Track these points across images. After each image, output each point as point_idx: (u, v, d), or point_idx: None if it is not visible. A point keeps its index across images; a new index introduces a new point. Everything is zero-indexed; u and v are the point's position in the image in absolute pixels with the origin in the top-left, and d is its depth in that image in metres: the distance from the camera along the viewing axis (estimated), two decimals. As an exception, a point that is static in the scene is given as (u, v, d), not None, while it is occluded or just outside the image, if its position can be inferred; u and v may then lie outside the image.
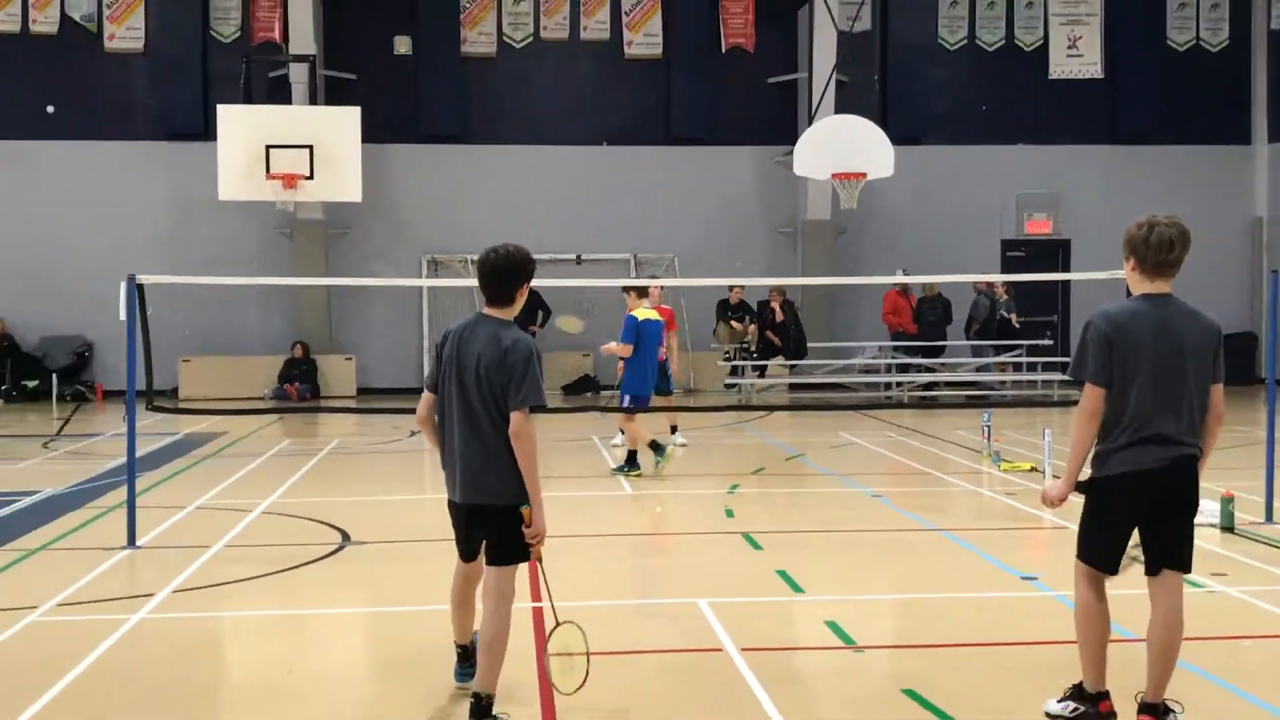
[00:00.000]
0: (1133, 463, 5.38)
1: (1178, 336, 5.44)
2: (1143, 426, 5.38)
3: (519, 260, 5.74)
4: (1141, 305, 5.52)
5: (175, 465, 14.76)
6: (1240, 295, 26.18)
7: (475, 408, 5.55)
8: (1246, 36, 26.35)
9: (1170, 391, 5.39)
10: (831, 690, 6.53)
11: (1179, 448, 5.40)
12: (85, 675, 6.60)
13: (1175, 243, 5.48)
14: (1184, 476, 5.43)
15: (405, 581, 8.89)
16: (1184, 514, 5.52)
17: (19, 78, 24.45)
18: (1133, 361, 5.38)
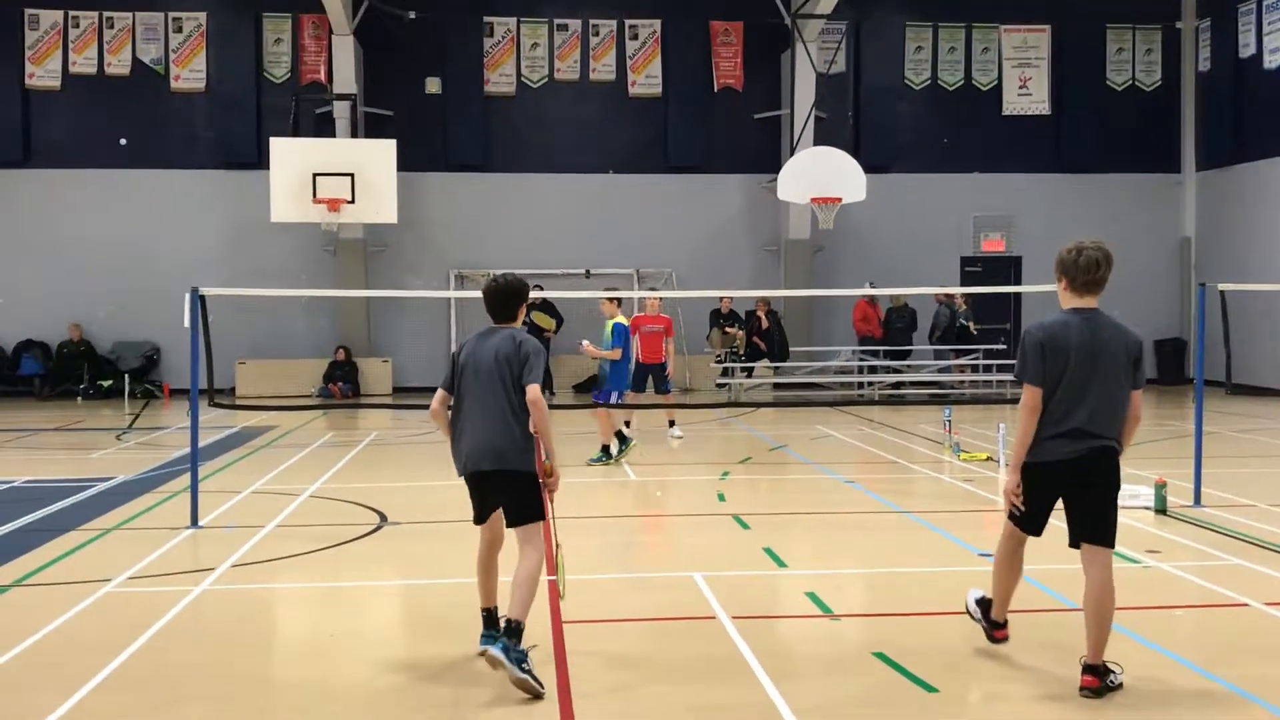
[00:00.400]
0: (1048, 454, 5.59)
1: (1101, 345, 5.58)
2: (1062, 421, 5.56)
3: (517, 287, 6.17)
4: (1071, 318, 5.66)
5: (233, 455, 14.75)
6: (1170, 305, 26.16)
7: (496, 392, 5.90)
8: (1177, 77, 26.31)
9: (1090, 392, 5.54)
10: (811, 653, 6.53)
11: (1093, 440, 5.56)
12: (155, 638, 6.60)
13: (1101, 264, 5.67)
14: (1096, 464, 5.59)
15: (437, 557, 8.89)
16: (1100, 495, 5.66)
17: (96, 114, 24.44)
18: (1060, 365, 5.55)
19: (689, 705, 5.54)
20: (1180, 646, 6.34)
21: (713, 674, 5.98)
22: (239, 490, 11.75)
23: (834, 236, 23.46)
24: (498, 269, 25.14)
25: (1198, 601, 7.40)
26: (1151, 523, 9.81)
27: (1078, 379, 5.53)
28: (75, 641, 6.62)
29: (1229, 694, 5.62)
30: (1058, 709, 5.48)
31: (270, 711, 5.58)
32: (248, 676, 6.07)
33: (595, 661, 6.17)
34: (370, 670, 6.13)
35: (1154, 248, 26.04)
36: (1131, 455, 13.42)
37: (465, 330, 24.16)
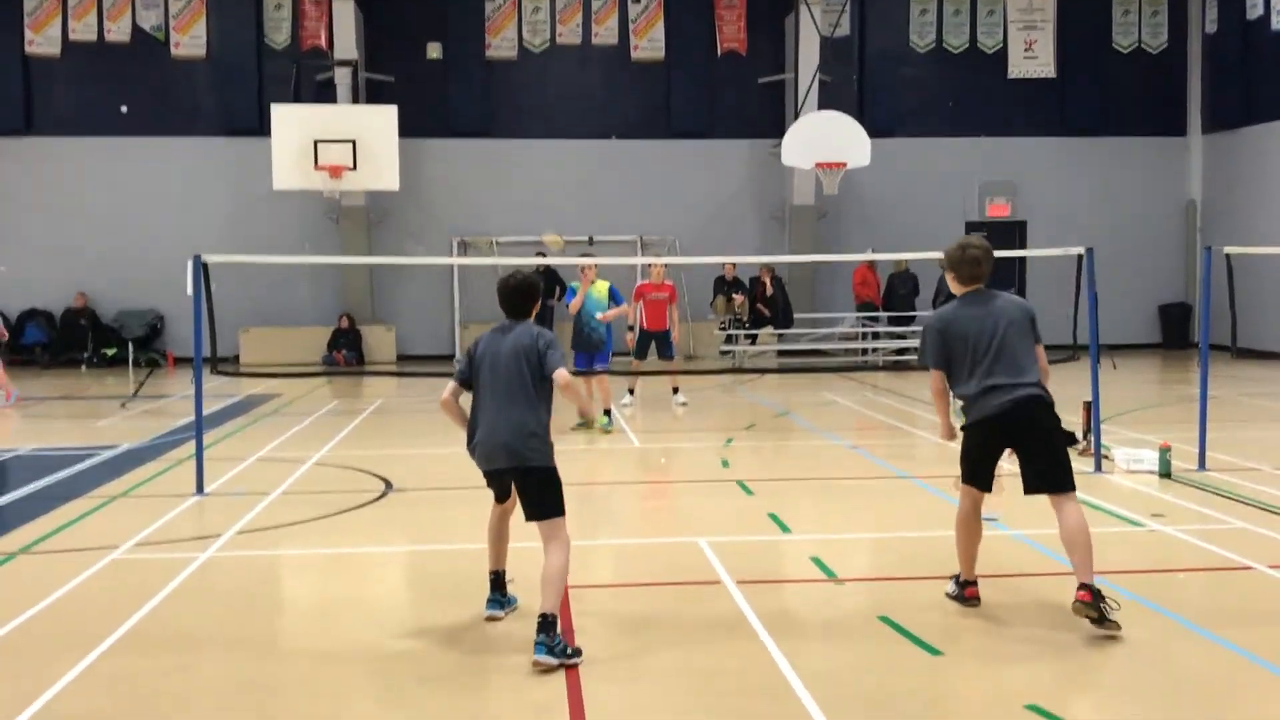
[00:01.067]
0: (980, 412, 6.14)
1: (995, 312, 6.19)
2: (984, 379, 6.10)
3: (532, 284, 6.23)
4: (962, 300, 6.34)
5: (238, 423, 14.78)
6: (1175, 270, 26.10)
7: (513, 387, 5.94)
8: (1183, 40, 26.15)
9: (998, 351, 6.10)
10: (816, 617, 6.56)
11: (1016, 390, 6.06)
12: (162, 604, 6.64)
13: (982, 261, 6.30)
14: (1027, 412, 6.06)
15: (441, 523, 8.92)
16: (1041, 445, 6.10)
17: (96, 81, 24.36)
18: (962, 341, 6.17)
19: (694, 669, 5.57)
20: (1184, 609, 6.36)
21: (718, 638, 6.00)
22: (244, 458, 11.78)
23: (838, 202, 23.39)
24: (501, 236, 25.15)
25: (1202, 565, 7.42)
26: (1156, 486, 9.82)
27: (983, 344, 6.12)
28: (83, 607, 6.66)
29: (1233, 656, 5.64)
30: (1060, 670, 5.50)
31: (278, 676, 5.62)
32: (255, 641, 6.11)
33: (601, 625, 6.21)
34: (377, 635, 6.16)
35: (1159, 211, 25.96)
36: (1136, 420, 13.51)
37: (468, 297, 24.19)
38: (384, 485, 10.25)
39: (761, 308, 23.01)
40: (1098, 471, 10.43)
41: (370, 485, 10.27)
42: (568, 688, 5.29)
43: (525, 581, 6.44)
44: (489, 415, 5.98)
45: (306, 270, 24.05)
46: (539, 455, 5.93)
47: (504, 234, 24.50)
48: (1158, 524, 8.44)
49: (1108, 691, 5.27)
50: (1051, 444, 6.10)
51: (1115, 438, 11.95)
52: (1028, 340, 6.22)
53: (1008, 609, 6.32)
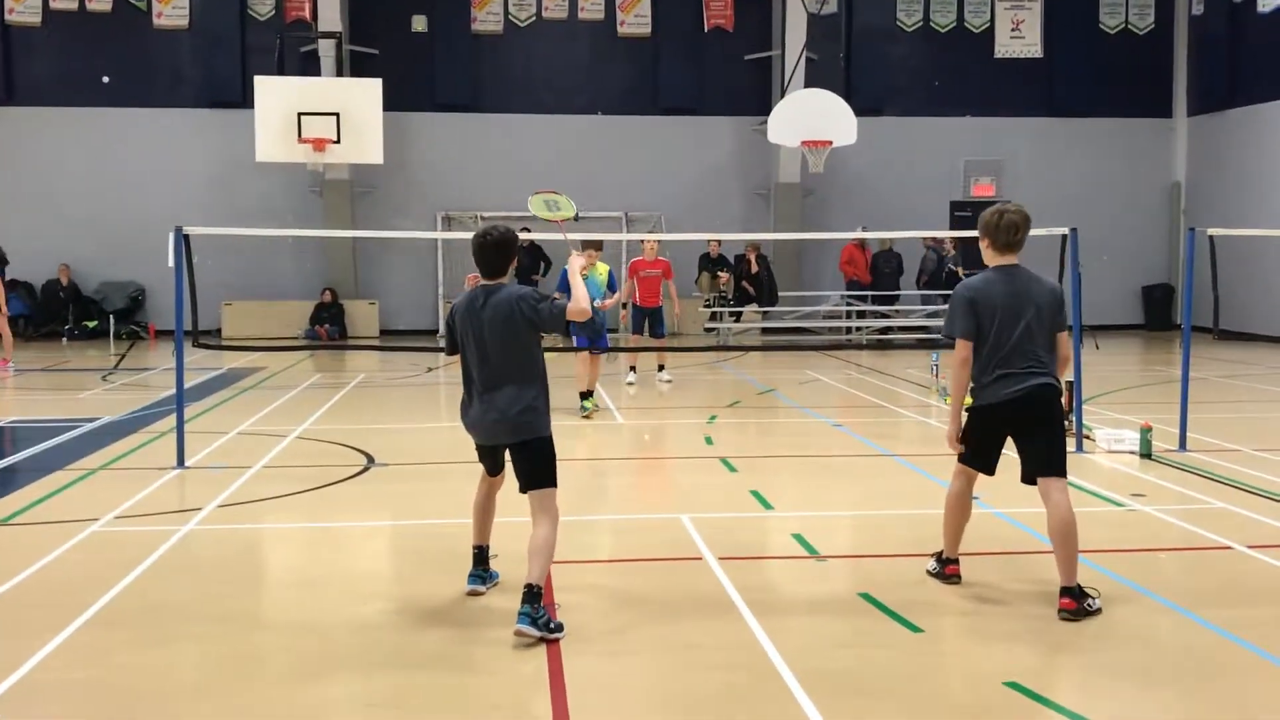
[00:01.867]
0: (991, 397, 6.04)
1: (1024, 296, 6.03)
2: (999, 367, 6.00)
3: (509, 238, 5.94)
4: (995, 275, 6.14)
5: (219, 396, 14.72)
6: (1160, 250, 26.19)
7: (506, 357, 5.80)
8: (1170, 21, 26.16)
9: (1021, 338, 5.98)
10: (798, 593, 6.57)
11: (1029, 379, 5.97)
12: (142, 577, 6.61)
13: (1020, 226, 6.13)
14: (1036, 401, 5.98)
15: (423, 498, 8.90)
16: (1045, 430, 6.04)
17: (78, 51, 24.14)
18: (989, 318, 6.01)
19: (676, 644, 5.58)
20: (1164, 589, 6.39)
21: (700, 614, 6.01)
22: (225, 431, 11.73)
23: (824, 180, 23.35)
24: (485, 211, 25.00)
25: (1182, 544, 7.46)
26: (1137, 467, 9.87)
27: (1007, 328, 5.98)
28: (62, 580, 6.62)
29: (1213, 635, 5.67)
30: (1040, 648, 5.53)
31: (259, 649, 5.60)
32: (236, 614, 6.09)
33: (583, 600, 6.21)
34: (358, 609, 6.15)
35: (1144, 192, 26.02)
36: (1118, 400, 13.57)
37: (452, 272, 24.11)
38: (366, 460, 10.23)
39: (747, 285, 23.00)
40: (1079, 451, 10.47)
41: (352, 460, 10.24)
42: (548, 662, 5.29)
43: (508, 556, 6.44)
44: (481, 389, 5.87)
45: (289, 244, 23.92)
46: (535, 427, 5.84)
47: (489, 209, 24.39)
48: (1138, 504, 8.48)
49: (1087, 669, 5.30)
50: (1053, 432, 6.04)
51: (1097, 418, 12.00)
52: (1052, 327, 6.08)
53: (989, 587, 6.34)
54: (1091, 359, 15.30)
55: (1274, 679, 5.16)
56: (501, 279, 5.92)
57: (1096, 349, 20.08)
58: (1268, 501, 8.52)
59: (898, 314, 23.51)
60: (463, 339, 5.91)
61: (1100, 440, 10.65)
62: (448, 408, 14.27)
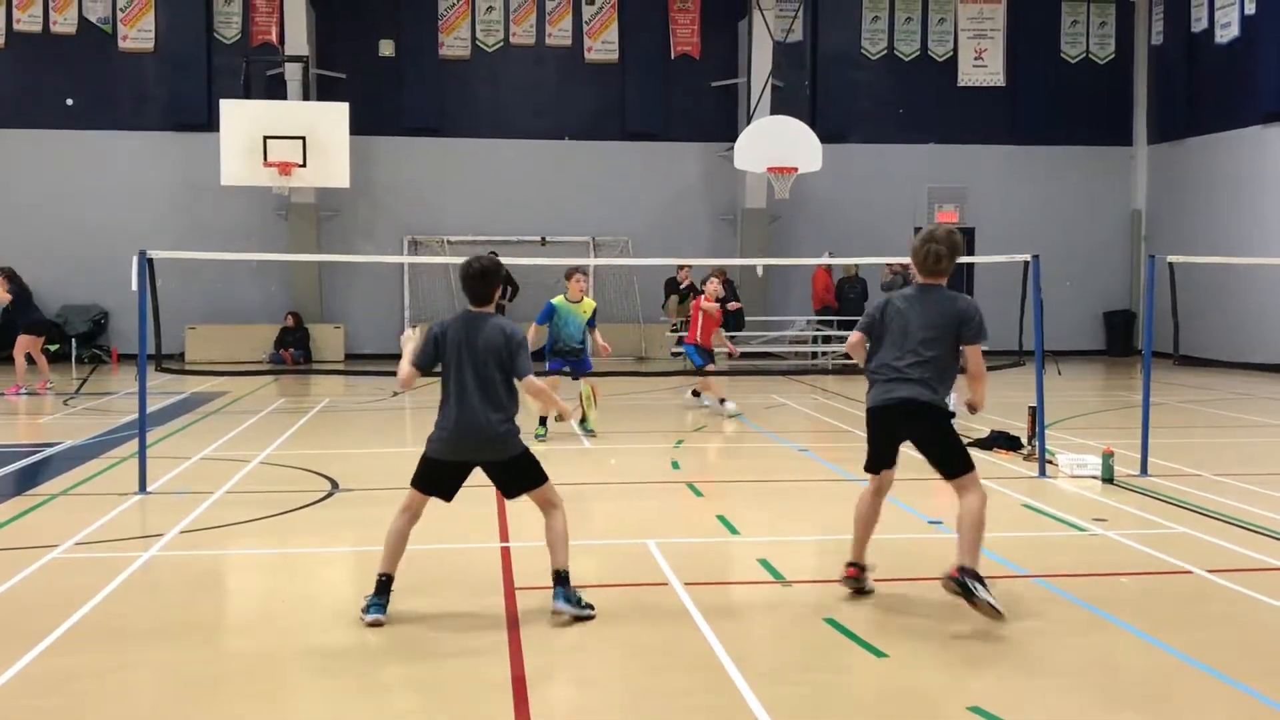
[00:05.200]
0: (872, 400, 6.55)
1: (933, 313, 6.34)
2: (883, 372, 6.45)
3: (495, 268, 6.30)
4: (914, 291, 6.51)
5: (182, 420, 14.61)
6: (1120, 277, 26.50)
7: (489, 383, 6.13)
8: (1130, 51, 26.56)
9: (911, 350, 6.34)
10: (763, 619, 6.58)
11: (909, 387, 6.33)
12: (102, 604, 6.54)
13: (943, 257, 6.40)
14: (913, 409, 6.35)
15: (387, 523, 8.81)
16: (930, 438, 6.43)
17: (41, 73, 24.01)
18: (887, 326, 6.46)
19: (641, 668, 5.57)
20: (1125, 612, 6.44)
21: (665, 639, 6.01)
22: (188, 456, 11.64)
23: (790, 206, 23.49)
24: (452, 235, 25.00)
25: (1143, 568, 7.52)
26: (1099, 491, 9.95)
27: (898, 340, 6.37)
28: (22, 606, 6.54)
29: (1174, 660, 5.72)
30: (1003, 672, 5.55)
31: (222, 676, 5.55)
32: (197, 640, 6.03)
33: (549, 626, 6.19)
34: (322, 634, 6.11)
35: (1105, 219, 26.34)
36: (1080, 425, 13.69)
37: (418, 296, 24.09)
38: (330, 485, 10.17)
39: (712, 310, 23.03)
40: (1042, 476, 10.55)
41: (317, 485, 10.18)
42: (513, 687, 5.26)
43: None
44: (466, 410, 6.11)
45: (254, 267, 23.81)
46: (516, 444, 6.26)
47: (456, 233, 24.41)
48: (1100, 528, 8.54)
49: (1050, 693, 5.33)
50: (937, 439, 6.40)
51: (1059, 443, 12.09)
52: (958, 341, 6.36)
53: (951, 611, 6.36)
54: (1053, 384, 15.40)
55: (1234, 702, 5.21)
56: (487, 307, 6.26)
57: (1059, 374, 20.25)
58: (1228, 526, 8.61)
59: (863, 339, 23.60)
60: (447, 356, 6.16)
61: (1062, 465, 10.74)
62: (413, 433, 14.21)
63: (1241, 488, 10.15)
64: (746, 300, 23.80)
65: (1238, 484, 10.32)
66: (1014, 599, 6.49)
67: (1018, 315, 10.92)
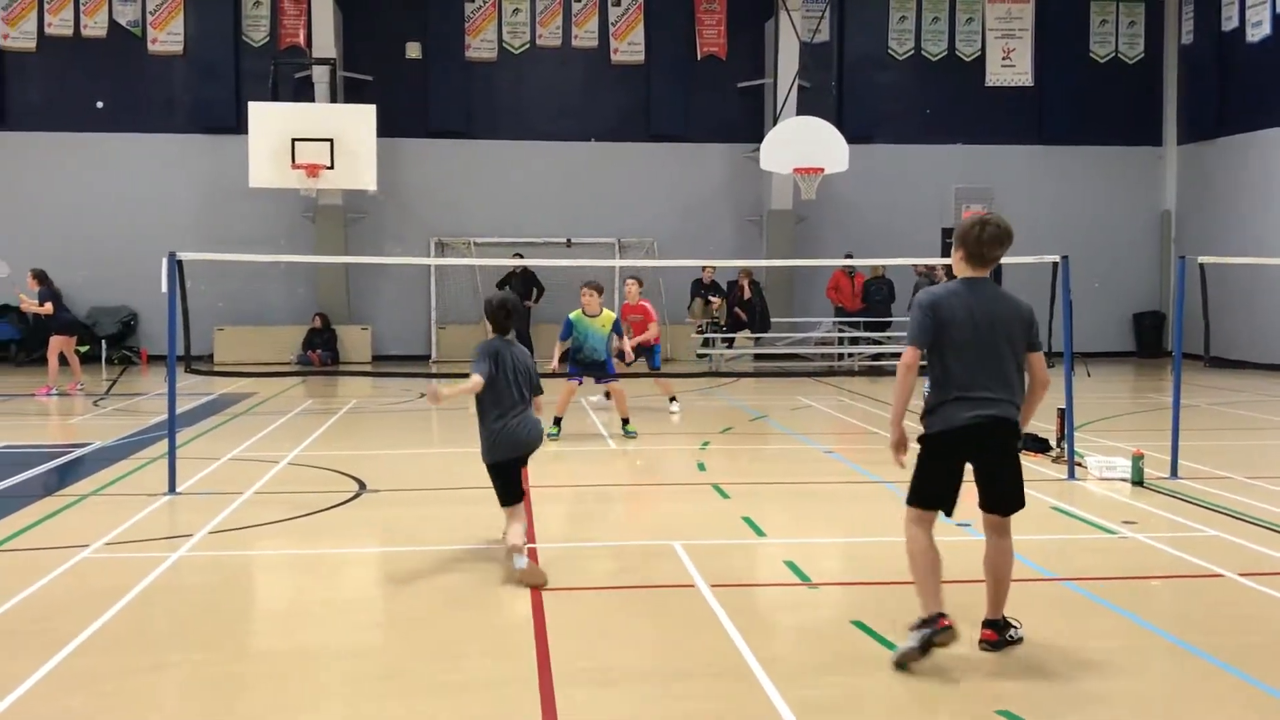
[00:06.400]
0: (946, 421, 5.55)
1: (989, 314, 5.53)
2: (958, 389, 5.53)
3: (516, 303, 7.75)
4: (960, 287, 5.63)
5: (211, 421, 14.69)
6: (1150, 278, 26.29)
7: (525, 392, 7.42)
8: (1159, 50, 26.36)
9: (984, 360, 5.51)
10: (789, 621, 6.56)
11: (990, 407, 5.50)
12: (132, 603, 6.58)
13: (1002, 242, 5.58)
14: (993, 432, 5.53)
15: (414, 524, 8.88)
16: (1000, 465, 5.64)
17: (72, 76, 24.21)
18: (949, 332, 5.51)
19: (667, 672, 5.56)
20: (1156, 616, 6.38)
21: (691, 642, 5.99)
22: (217, 457, 11.70)
23: (816, 207, 23.43)
24: (478, 237, 25.05)
25: (1174, 572, 7.46)
26: (1128, 494, 9.88)
27: (969, 346, 5.51)
28: (51, 607, 6.59)
29: (1204, 663, 5.66)
30: (1031, 676, 5.51)
31: (248, 676, 5.58)
32: (225, 641, 6.06)
33: (574, 627, 6.19)
34: (348, 635, 6.13)
35: (1134, 221, 26.15)
36: (1109, 427, 13.58)
37: (444, 298, 24.17)
38: (357, 486, 10.20)
39: (739, 311, 23.03)
40: (1071, 479, 10.48)
41: (344, 485, 10.22)
42: (540, 690, 5.26)
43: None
44: (518, 413, 7.34)
45: (282, 269, 23.95)
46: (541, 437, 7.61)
47: (481, 235, 24.46)
48: (1130, 531, 8.48)
49: (1079, 697, 5.29)
50: (1015, 469, 5.68)
51: (1088, 445, 12.01)
52: (1020, 353, 5.61)
53: (978, 614, 6.31)
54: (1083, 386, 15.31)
55: (1266, 707, 5.16)
56: (508, 335, 7.50)
57: (1088, 376, 20.12)
58: (1259, 529, 8.53)
59: (889, 340, 23.53)
60: (508, 377, 7.31)
61: (1092, 467, 10.66)
62: (439, 434, 14.25)
63: (1273, 490, 10.05)
64: (772, 302, 23.76)
65: (1269, 487, 10.22)
66: (1042, 602, 6.44)
67: (1046, 317, 10.86)
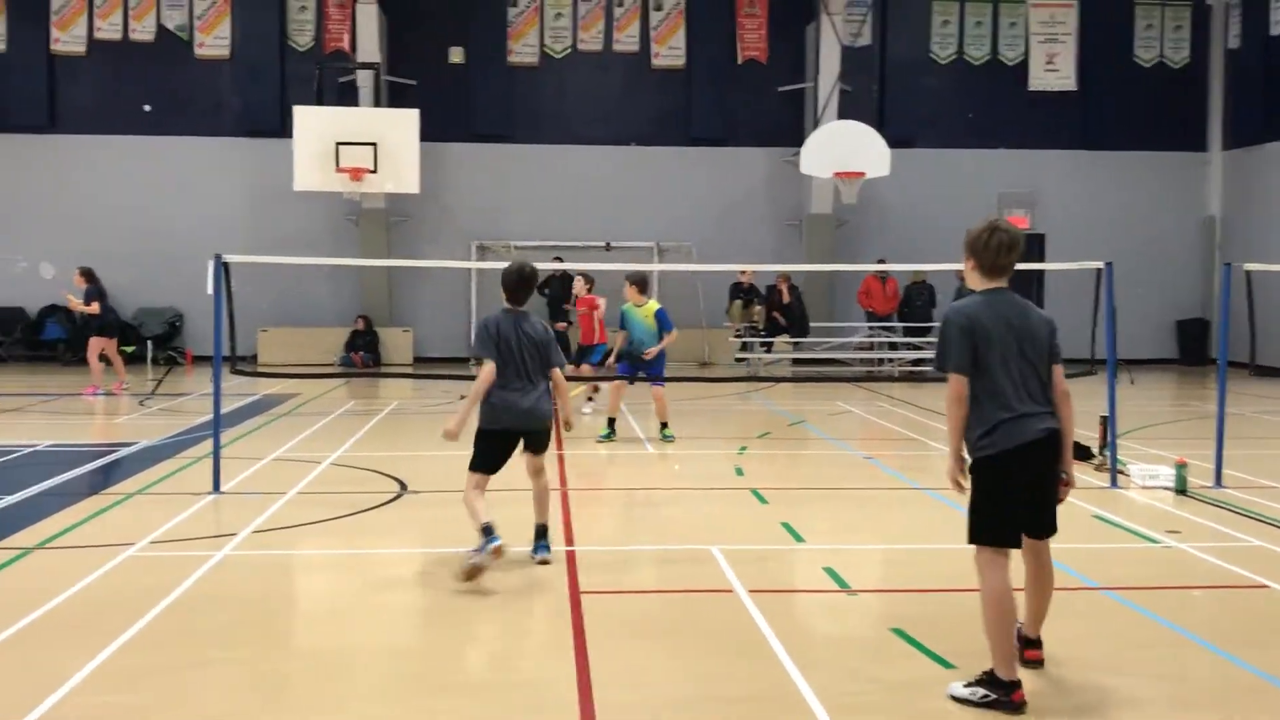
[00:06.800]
0: (1012, 438, 5.16)
1: (1022, 326, 5.27)
2: (1013, 404, 5.19)
3: (534, 274, 7.66)
4: (987, 299, 5.32)
5: (255, 422, 14.83)
6: (1194, 285, 25.99)
7: (537, 368, 7.44)
8: (1205, 55, 26.08)
9: (1025, 372, 5.23)
10: (828, 628, 6.54)
11: (1042, 420, 5.23)
12: (177, 602, 6.65)
13: (1013, 247, 5.31)
14: (1050, 447, 5.25)
15: (454, 525, 8.88)
16: (1049, 483, 5.34)
17: (120, 80, 24.52)
18: (988, 350, 5.20)
19: (705, 676, 5.56)
20: (1199, 627, 6.31)
21: (729, 646, 5.99)
22: (261, 457, 11.81)
23: (856, 211, 23.36)
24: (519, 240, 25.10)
25: (1217, 582, 7.38)
26: (1172, 503, 9.77)
27: (1010, 361, 5.22)
28: (98, 604, 6.67)
29: (1248, 675, 5.60)
30: (1072, 685, 5.47)
31: (291, 675, 5.62)
32: (268, 640, 6.12)
33: (612, 631, 6.20)
34: (389, 635, 6.17)
35: (1179, 227, 25.87)
36: (1152, 435, 13.45)
37: (486, 301, 24.24)
38: (399, 486, 10.27)
39: (777, 316, 22.98)
40: (1113, 487, 10.39)
41: (385, 486, 10.28)
42: (579, 692, 5.27)
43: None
44: (523, 391, 7.35)
45: (325, 271, 24.13)
46: (549, 416, 7.59)
47: (522, 238, 24.54)
48: (1173, 540, 8.39)
49: (1120, 706, 5.24)
50: (1054, 487, 5.39)
51: (1131, 453, 11.90)
52: (1047, 359, 5.35)
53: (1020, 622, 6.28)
54: (1126, 393, 15.17)
55: (1311, 721, 5.09)
56: (523, 306, 7.53)
57: (1131, 383, 19.93)
58: (1305, 540, 8.42)
59: (929, 346, 23.40)
60: (510, 350, 7.33)
61: (1134, 476, 10.56)
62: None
63: (1320, 501, 9.92)
64: (811, 306, 23.69)
65: (1316, 497, 10.09)
66: (1083, 611, 6.39)
67: (1089, 323, 10.78)
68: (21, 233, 24.13)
